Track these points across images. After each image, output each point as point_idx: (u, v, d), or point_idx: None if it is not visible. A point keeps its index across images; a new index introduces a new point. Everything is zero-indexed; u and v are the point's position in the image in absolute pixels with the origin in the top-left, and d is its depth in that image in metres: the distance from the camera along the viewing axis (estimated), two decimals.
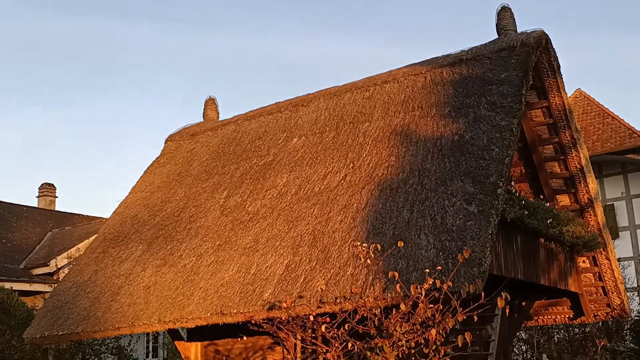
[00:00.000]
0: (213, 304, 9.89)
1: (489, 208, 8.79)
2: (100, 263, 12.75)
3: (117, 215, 14.13)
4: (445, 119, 10.69)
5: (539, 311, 14.16)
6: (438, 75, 11.76)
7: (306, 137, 12.61)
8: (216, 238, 11.35)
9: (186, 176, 13.99)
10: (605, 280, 13.36)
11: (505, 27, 11.68)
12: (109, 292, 11.67)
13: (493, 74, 10.90)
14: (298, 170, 11.78)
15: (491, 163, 9.38)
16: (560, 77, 11.67)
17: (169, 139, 15.83)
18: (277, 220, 10.83)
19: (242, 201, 11.89)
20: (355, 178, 10.69)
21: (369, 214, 9.75)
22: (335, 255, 9.40)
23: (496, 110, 10.20)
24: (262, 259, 10.20)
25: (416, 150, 10.43)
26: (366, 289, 8.47)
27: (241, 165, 13.07)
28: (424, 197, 9.48)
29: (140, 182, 14.83)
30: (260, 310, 9.26)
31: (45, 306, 12.57)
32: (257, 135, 13.71)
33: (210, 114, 16.04)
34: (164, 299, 10.63)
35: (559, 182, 12.97)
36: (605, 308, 13.66)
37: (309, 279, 9.26)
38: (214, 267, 10.67)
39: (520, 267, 10.86)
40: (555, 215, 11.67)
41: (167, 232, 12.41)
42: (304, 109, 13.39)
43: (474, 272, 7.95)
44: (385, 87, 12.39)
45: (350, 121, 12.21)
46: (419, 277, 8.11)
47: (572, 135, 12.21)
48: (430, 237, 8.82)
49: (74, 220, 24.92)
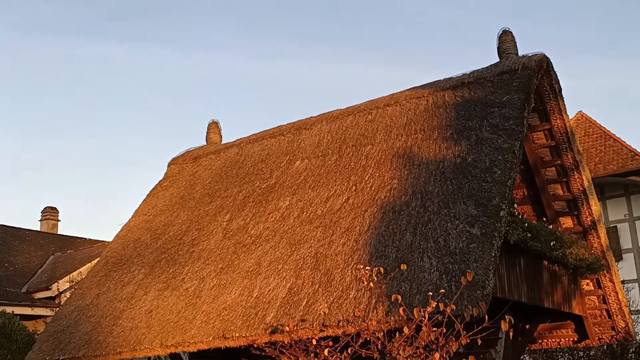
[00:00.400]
0: (215, 328, 9.84)
1: (492, 230, 8.78)
2: (102, 287, 12.72)
3: (120, 239, 14.12)
4: (448, 142, 10.72)
5: (543, 334, 14.06)
6: (440, 98, 11.82)
7: (309, 160, 12.64)
8: (219, 261, 11.34)
9: (189, 199, 14.01)
10: (610, 303, 13.27)
11: (506, 51, 11.76)
12: (110, 316, 11.63)
13: (495, 97, 10.95)
14: (300, 193, 11.79)
15: (494, 185, 9.39)
16: (562, 100, 11.72)
17: (172, 162, 15.88)
18: (280, 243, 10.82)
19: (245, 224, 11.89)
20: (357, 201, 10.70)
21: (371, 236, 9.73)
22: (338, 278, 9.37)
23: (498, 132, 10.23)
24: (264, 282, 10.17)
25: (419, 173, 10.44)
26: (369, 312, 8.43)
27: (244, 188, 13.09)
28: (427, 220, 9.47)
29: (143, 206, 14.85)
30: (263, 334, 9.21)
31: (46, 330, 12.52)
32: (260, 158, 13.75)
33: (213, 137, 16.11)
34: (166, 323, 10.58)
35: (561, 205, 12.96)
36: (610, 331, 13.56)
37: (312, 302, 9.22)
38: (216, 291, 10.64)
39: (523, 290, 10.81)
40: (559, 237, 11.64)
41: (169, 255, 12.40)
42: (307, 132, 13.44)
43: (477, 295, 7.92)
44: (387, 110, 12.45)
45: (353, 144, 12.24)
46: (422, 300, 8.08)
47: (574, 157, 12.23)
48: (433, 259, 8.80)
49: (76, 244, 24.90)
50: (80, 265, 20.36)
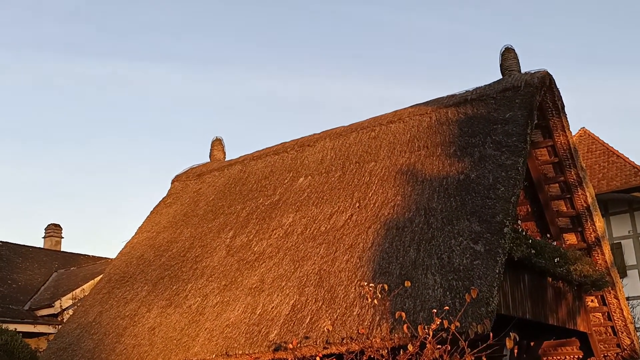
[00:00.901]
0: (218, 345, 9.81)
1: (496, 247, 8.77)
2: (105, 304, 12.70)
3: (123, 256, 14.12)
4: (451, 159, 10.74)
5: (548, 351, 13.97)
6: (443, 115, 11.86)
7: (312, 177, 12.66)
8: (222, 278, 11.32)
9: (192, 216, 14.01)
10: (615, 320, 13.21)
11: (509, 68, 11.81)
12: (113, 333, 11.60)
13: (498, 114, 10.98)
14: (304, 209, 11.79)
15: (497, 202, 9.39)
16: (565, 116, 11.75)
17: (176, 179, 15.92)
18: (283, 260, 10.80)
19: (248, 241, 11.89)
20: (361, 217, 10.70)
21: (375, 253, 9.72)
22: (342, 295, 9.35)
23: (501, 149, 10.25)
24: (268, 299, 10.15)
25: (422, 190, 10.45)
26: (373, 329, 8.40)
27: (247, 205, 13.10)
28: (431, 237, 9.46)
29: (147, 223, 14.86)
30: (266, 351, 9.18)
31: (49, 348, 12.49)
32: (264, 175, 13.78)
33: (217, 154, 16.15)
34: (169, 340, 10.55)
35: (565, 221, 12.94)
36: (615, 348, 13.48)
37: (315, 319, 9.19)
38: (219, 308, 10.62)
39: (528, 307, 10.76)
40: (563, 254, 11.61)
41: (172, 272, 12.39)
42: (310, 149, 13.48)
43: (481, 311, 7.89)
44: (390, 127, 12.48)
45: (356, 161, 12.27)
46: (426, 317, 8.05)
47: (578, 173, 12.23)
48: (437, 276, 8.78)
49: (79, 261, 24.87)
50: (83, 283, 20.32)
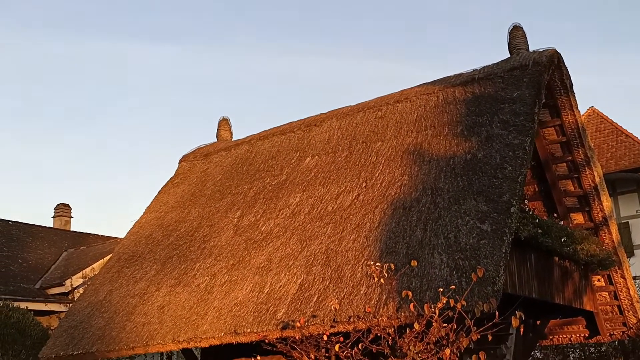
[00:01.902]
0: (227, 324, 9.91)
1: (503, 227, 8.78)
2: (114, 283, 12.83)
3: (132, 235, 14.22)
4: (458, 138, 10.72)
5: (554, 330, 14.04)
6: (450, 95, 11.82)
7: (319, 157, 12.68)
8: (230, 257, 11.40)
9: (200, 196, 14.08)
10: (621, 299, 13.24)
11: (517, 46, 11.72)
12: (123, 311, 11.73)
13: (505, 93, 10.93)
14: (311, 189, 11.83)
15: (504, 182, 9.39)
16: (573, 95, 11.68)
17: (183, 159, 15.96)
18: (291, 239, 10.86)
19: (256, 221, 11.95)
20: (368, 197, 10.73)
21: (382, 233, 9.76)
22: (349, 275, 9.41)
23: (509, 128, 10.22)
24: (275, 278, 10.23)
25: (429, 169, 10.45)
26: (380, 308, 8.46)
27: (254, 185, 13.14)
28: (437, 216, 9.49)
29: (155, 202, 14.94)
30: (274, 329, 9.27)
31: (60, 326, 12.64)
32: (270, 155, 13.80)
33: (224, 134, 16.17)
34: (178, 319, 10.66)
35: (572, 201, 12.93)
36: (621, 327, 13.54)
37: (323, 298, 9.27)
38: (227, 287, 10.71)
39: (534, 286, 10.81)
40: (570, 233, 11.62)
41: (181, 251, 12.48)
42: (317, 128, 13.47)
43: (488, 291, 7.93)
44: (397, 107, 12.45)
45: (363, 140, 12.26)
46: (432, 296, 8.10)
47: (586, 153, 12.19)
48: (444, 256, 8.82)
49: (89, 240, 25.08)
50: (93, 262, 20.52)
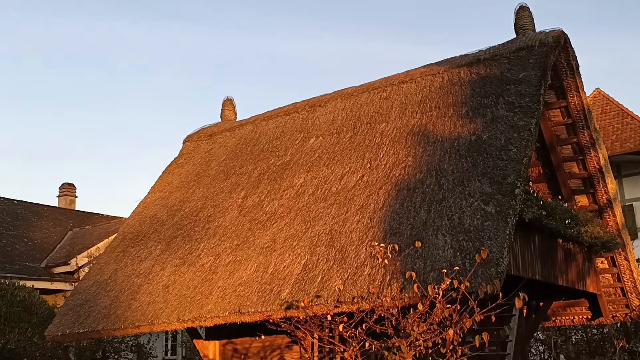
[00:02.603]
0: (231, 303, 9.97)
1: (507, 208, 8.79)
2: (120, 262, 12.90)
3: (137, 215, 14.27)
4: (463, 119, 10.69)
5: (557, 312, 14.10)
6: (455, 75, 11.76)
7: (323, 138, 12.66)
8: (234, 238, 11.44)
9: (204, 176, 14.10)
10: (624, 281, 13.27)
11: (523, 27, 11.64)
12: (128, 290, 11.80)
13: (511, 74, 10.88)
14: (315, 170, 11.83)
15: (509, 163, 9.37)
16: (579, 77, 11.62)
17: (187, 140, 15.96)
18: (295, 220, 10.89)
19: (260, 201, 11.97)
20: (372, 178, 10.73)
21: (386, 214, 9.78)
22: (353, 255, 9.44)
23: (514, 110, 10.18)
24: (279, 258, 10.27)
25: (433, 151, 10.44)
26: (383, 288, 8.50)
27: (259, 165, 13.15)
28: (442, 198, 9.49)
29: (159, 182, 14.97)
30: (278, 309, 9.33)
31: (66, 304, 12.73)
32: (275, 136, 13.79)
33: (228, 115, 16.15)
34: (183, 298, 10.73)
35: (577, 183, 12.91)
36: (624, 309, 13.58)
37: (327, 278, 9.31)
38: (232, 267, 10.76)
39: (538, 268, 10.83)
40: (574, 215, 11.61)
41: (185, 231, 12.53)
42: (321, 109, 13.45)
43: (491, 272, 7.96)
44: (402, 88, 12.41)
45: (368, 121, 12.24)
46: (436, 277, 8.14)
47: (591, 135, 12.15)
48: (448, 237, 8.83)
49: (93, 220, 25.18)
50: (98, 241, 20.61)
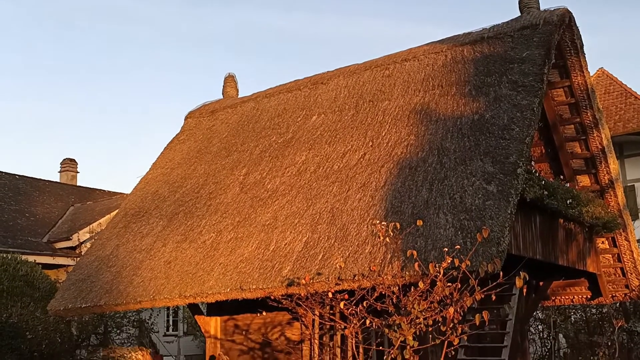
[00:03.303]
0: (233, 280, 10.02)
1: (509, 188, 8.79)
2: (121, 238, 12.94)
3: (138, 191, 14.29)
4: (466, 98, 10.65)
5: (557, 291, 14.16)
6: (459, 54, 11.70)
7: (325, 115, 12.63)
8: (235, 215, 11.46)
9: (206, 153, 14.09)
10: (624, 262, 13.31)
11: (528, 5, 11.55)
12: (130, 266, 11.86)
13: (515, 53, 10.82)
14: (317, 148, 11.81)
15: (511, 143, 9.35)
16: (583, 56, 11.55)
17: (189, 116, 15.92)
18: (296, 197, 10.90)
19: (262, 178, 11.97)
20: (374, 156, 10.72)
21: (387, 192, 9.78)
22: (354, 233, 9.46)
23: (517, 89, 10.14)
24: (281, 235, 10.29)
25: (436, 129, 10.41)
26: (384, 267, 8.53)
27: (260, 142, 13.13)
28: (443, 176, 9.49)
29: (161, 159, 14.96)
30: (279, 286, 9.37)
31: (68, 279, 12.80)
32: (277, 113, 13.75)
33: (230, 91, 16.09)
34: (185, 274, 10.78)
35: (579, 163, 12.89)
36: (624, 289, 13.63)
37: (328, 256, 9.34)
38: (233, 244, 10.79)
39: (538, 247, 10.86)
40: (575, 195, 11.61)
41: (187, 208, 12.55)
42: (323, 86, 13.39)
43: (492, 251, 7.98)
44: (405, 65, 12.35)
45: (370, 99, 12.20)
46: (437, 255, 8.16)
47: (594, 115, 12.11)
48: (449, 216, 8.85)
49: (95, 196, 25.20)
50: (99, 217, 20.64)
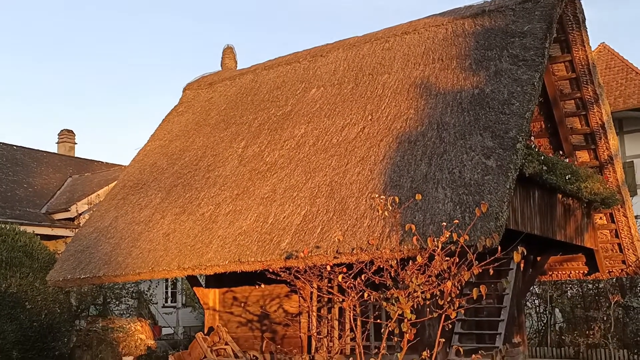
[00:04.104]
0: (231, 252, 10.05)
1: (508, 163, 8.78)
2: (120, 209, 12.95)
3: (136, 163, 14.26)
4: (466, 72, 10.58)
5: (554, 266, 14.23)
6: (459, 27, 11.59)
7: (324, 88, 12.55)
8: (234, 187, 11.45)
9: (204, 125, 14.03)
10: (622, 237, 13.34)
11: None
12: (129, 238, 11.88)
13: (516, 26, 10.72)
14: (316, 121, 11.77)
15: (511, 117, 9.32)
16: (585, 31, 11.45)
17: (187, 88, 15.83)
18: (295, 171, 10.88)
19: (260, 151, 11.94)
20: (373, 130, 10.68)
21: (386, 166, 9.76)
22: (353, 207, 9.47)
23: (518, 63, 10.08)
24: (279, 209, 10.30)
25: (435, 103, 10.36)
26: (383, 240, 8.55)
27: (259, 115, 13.07)
28: (443, 151, 9.47)
29: (159, 131, 14.91)
30: (278, 259, 9.40)
31: (67, 250, 12.84)
32: (275, 86, 13.67)
33: (228, 63, 15.98)
34: (183, 246, 10.81)
35: (579, 138, 12.86)
36: (620, 265, 13.69)
37: (326, 229, 9.35)
38: (232, 216, 10.80)
39: (536, 223, 10.88)
40: (574, 171, 11.61)
41: (185, 180, 12.53)
42: (323, 59, 13.29)
43: (490, 226, 8.00)
44: (405, 39, 12.24)
45: (369, 72, 12.11)
46: (435, 230, 8.18)
47: (595, 90, 12.04)
48: (448, 190, 8.84)
49: (93, 167, 25.16)
50: (98, 188, 20.63)
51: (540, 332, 18.04)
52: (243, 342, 12.21)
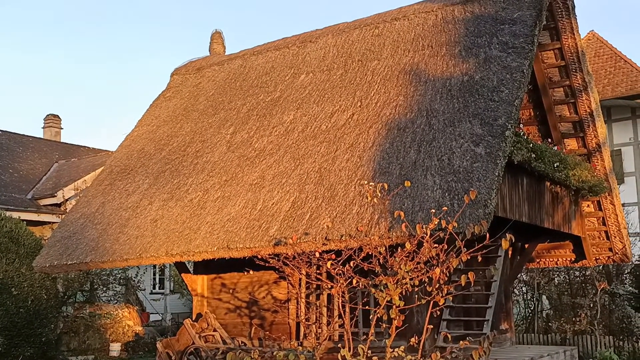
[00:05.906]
0: (220, 239, 10.01)
1: (497, 150, 8.78)
2: (107, 195, 12.86)
3: (124, 149, 14.15)
4: (455, 59, 10.56)
5: (541, 253, 14.31)
6: (449, 13, 11.55)
7: (314, 74, 12.49)
8: (222, 173, 11.40)
9: (192, 111, 13.94)
10: (609, 225, 13.44)
11: None
12: (116, 224, 11.81)
13: (506, 13, 10.70)
14: (305, 107, 11.71)
15: (500, 105, 9.31)
16: (575, 18, 11.45)
17: (175, 73, 15.70)
18: (284, 157, 10.84)
19: (249, 137, 11.88)
20: (362, 117, 10.64)
21: (375, 153, 9.74)
22: (342, 194, 9.45)
23: (507, 50, 10.06)
24: (268, 195, 10.26)
25: (425, 90, 10.33)
26: (372, 227, 8.55)
27: (248, 101, 13.00)
28: (432, 138, 9.45)
29: (147, 116, 14.80)
30: (266, 245, 9.37)
31: (53, 236, 12.75)
32: (264, 71, 13.59)
33: (217, 48, 15.86)
34: (171, 233, 10.75)
35: (567, 126, 12.90)
36: (607, 252, 13.80)
37: (315, 216, 9.33)
38: (220, 202, 10.75)
39: (524, 210, 10.92)
40: (562, 159, 11.65)
41: (173, 166, 12.46)
42: (312, 45, 13.22)
43: (479, 213, 8.00)
44: (395, 25, 12.19)
45: (359, 59, 12.06)
46: (424, 217, 8.18)
47: (584, 78, 12.07)
48: (437, 177, 8.84)
49: (79, 152, 25.00)
50: (84, 174, 20.51)
51: (528, 319, 18.18)
52: (231, 329, 12.20)
